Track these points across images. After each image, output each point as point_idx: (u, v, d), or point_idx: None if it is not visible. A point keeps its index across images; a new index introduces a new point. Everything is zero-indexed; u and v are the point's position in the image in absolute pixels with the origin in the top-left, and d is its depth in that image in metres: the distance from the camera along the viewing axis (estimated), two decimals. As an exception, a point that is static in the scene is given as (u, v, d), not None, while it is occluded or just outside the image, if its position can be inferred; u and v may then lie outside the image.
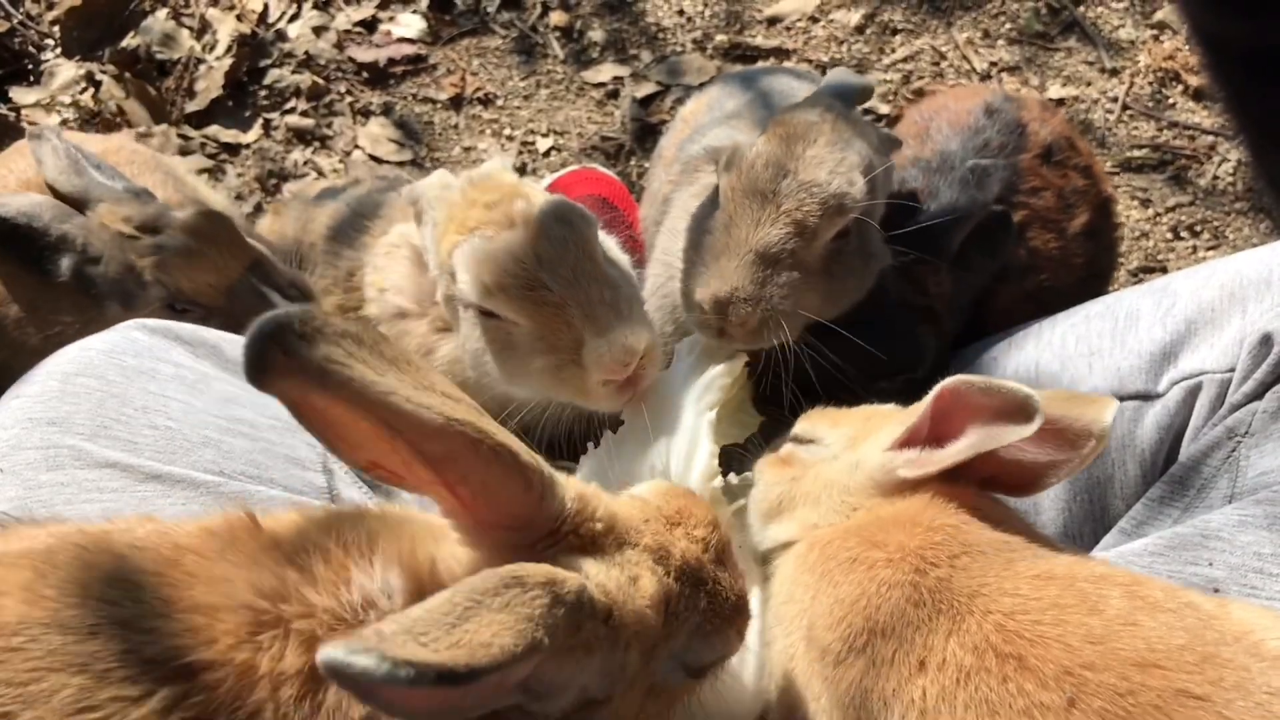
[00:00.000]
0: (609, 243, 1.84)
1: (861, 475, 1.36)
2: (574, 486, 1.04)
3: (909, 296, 1.93)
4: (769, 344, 1.68)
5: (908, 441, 1.32)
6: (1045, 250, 2.12)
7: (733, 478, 1.63)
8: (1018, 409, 1.20)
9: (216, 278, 1.98)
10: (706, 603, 1.10)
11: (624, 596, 0.99)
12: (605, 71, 3.37)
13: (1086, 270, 2.22)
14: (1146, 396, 1.61)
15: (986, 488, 1.32)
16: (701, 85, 3.04)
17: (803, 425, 1.54)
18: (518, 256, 1.60)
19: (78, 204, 2.00)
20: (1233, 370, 1.53)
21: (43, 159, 2.04)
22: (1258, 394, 1.47)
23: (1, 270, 2.07)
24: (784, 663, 1.28)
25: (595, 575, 0.98)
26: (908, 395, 1.47)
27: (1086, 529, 1.64)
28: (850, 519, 1.34)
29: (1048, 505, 1.67)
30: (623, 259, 1.85)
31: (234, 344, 1.64)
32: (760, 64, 3.34)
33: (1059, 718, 1.00)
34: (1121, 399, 1.62)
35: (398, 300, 1.98)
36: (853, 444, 1.43)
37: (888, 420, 1.44)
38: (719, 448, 1.63)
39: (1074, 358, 1.73)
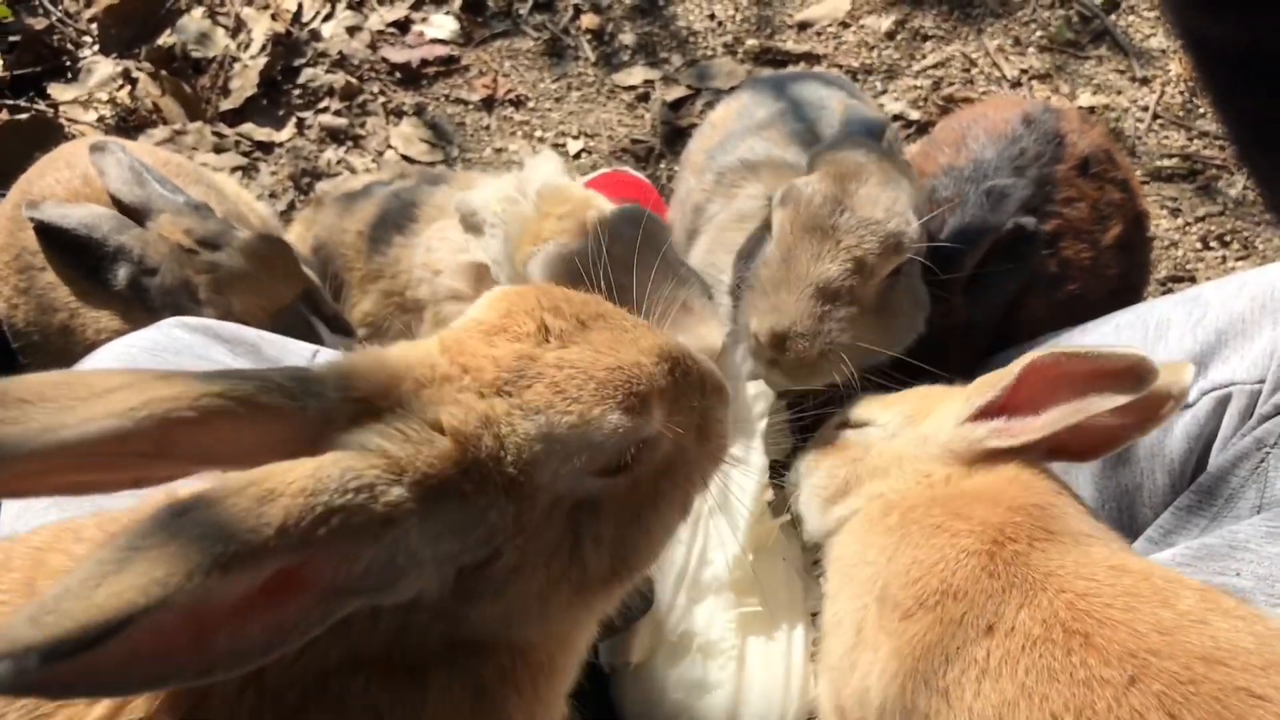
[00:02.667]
0: None
1: (934, 447, 1.41)
2: (335, 369, 0.90)
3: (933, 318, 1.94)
4: (823, 380, 1.68)
5: (985, 413, 1.37)
6: (1077, 261, 2.12)
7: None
8: (1128, 372, 1.25)
9: (268, 302, 2.01)
10: (549, 396, 0.92)
11: (415, 447, 0.84)
12: (636, 74, 3.39)
13: (1119, 283, 2.22)
14: (1175, 406, 1.62)
15: (1052, 455, 1.38)
16: (732, 89, 3.05)
17: (854, 411, 1.57)
18: (592, 260, 1.62)
19: (138, 215, 2.03)
20: (1262, 381, 1.53)
21: (105, 170, 2.07)
22: (1287, 406, 1.48)
23: (63, 277, 2.11)
24: (855, 622, 1.30)
25: (365, 442, 0.84)
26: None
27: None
28: (930, 488, 1.37)
29: (1076, 512, 1.68)
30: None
31: (272, 343, 1.66)
32: (790, 69, 3.35)
33: (1116, 692, 1.02)
34: (1151, 408, 1.63)
35: (451, 282, 2.01)
36: (912, 421, 1.47)
37: (946, 397, 1.48)
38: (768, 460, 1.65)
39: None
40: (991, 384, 1.39)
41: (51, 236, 2.05)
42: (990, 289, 1.97)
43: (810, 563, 1.63)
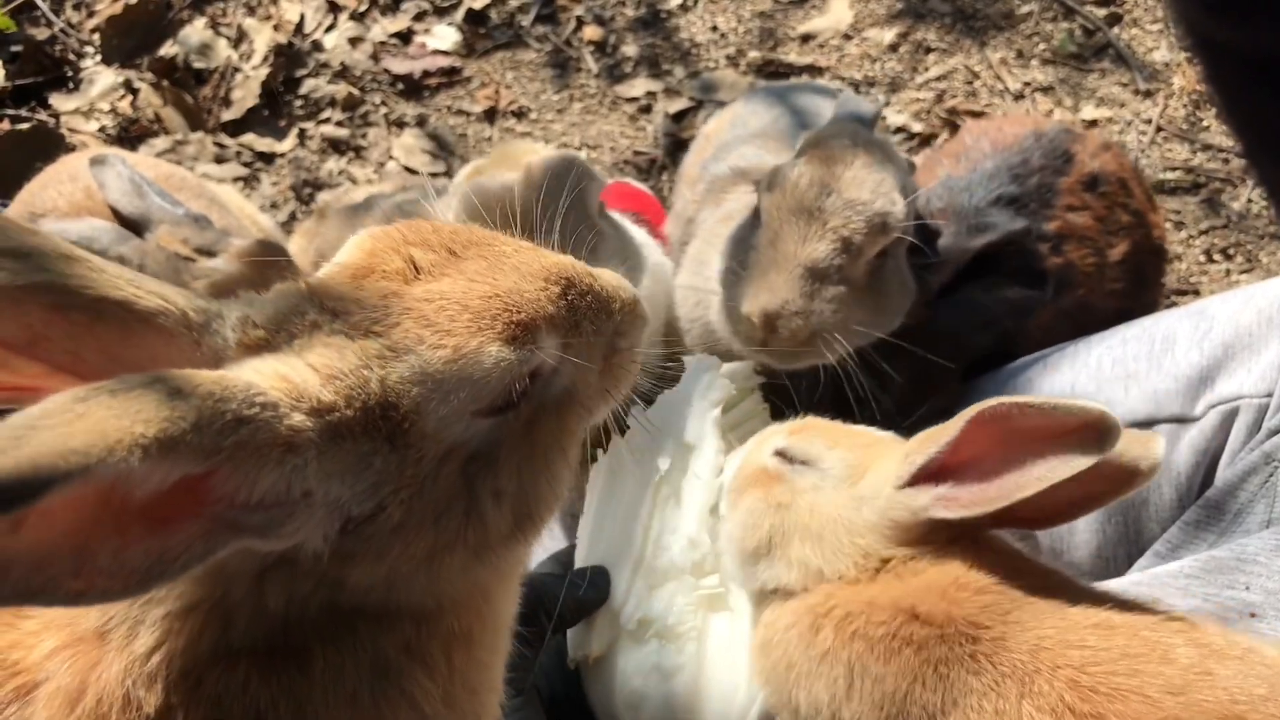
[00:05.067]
0: (658, 261, 1.86)
1: (870, 514, 1.25)
2: (236, 308, 0.87)
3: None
4: (816, 359, 1.68)
5: (927, 474, 1.22)
6: (1082, 266, 2.11)
7: None
8: (1087, 429, 1.10)
9: None
10: (418, 332, 0.86)
11: (297, 383, 0.79)
12: (638, 86, 3.38)
13: (1124, 302, 2.21)
14: (1183, 420, 1.61)
15: (998, 524, 1.23)
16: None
17: (793, 441, 1.41)
18: (509, 197, 1.59)
19: (137, 227, 2.03)
20: (1270, 395, 1.53)
21: (105, 183, 2.07)
22: (1296, 419, 1.47)
23: None
24: None
25: (251, 370, 0.79)
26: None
27: (1120, 551, 1.64)
28: (870, 584, 1.21)
29: (1082, 527, 1.66)
30: (643, 241, 1.87)
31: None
32: (792, 80, 3.35)
33: None
34: (1157, 422, 1.62)
35: None
36: (851, 474, 1.32)
37: (890, 450, 1.33)
38: (726, 445, 1.63)
39: (1110, 380, 1.73)
40: (933, 439, 1.21)
41: None
42: (964, 304, 1.94)
43: None
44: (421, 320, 0.86)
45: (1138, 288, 2.25)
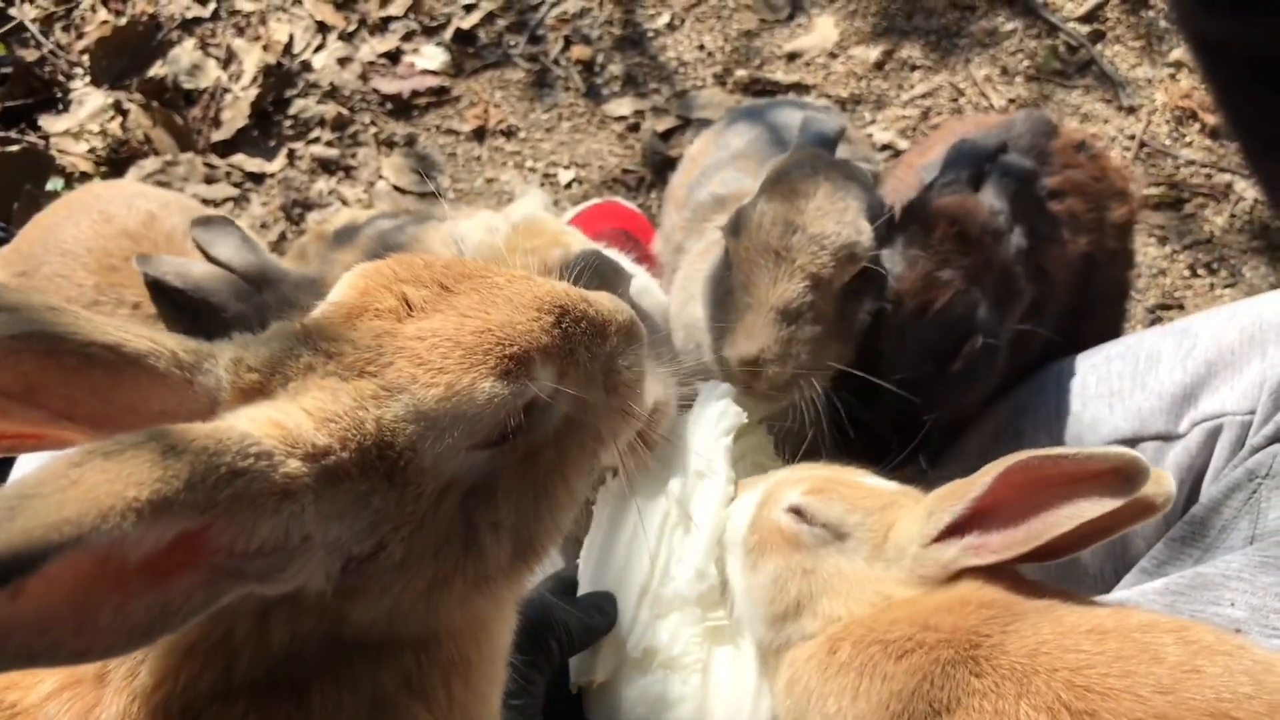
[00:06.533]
0: (645, 285, 1.86)
1: (899, 572, 1.31)
2: (229, 349, 0.88)
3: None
4: (796, 399, 1.70)
5: (952, 529, 1.27)
6: (1085, 219, 2.07)
7: None
8: (1114, 474, 1.16)
9: None
10: (411, 371, 0.86)
11: (292, 429, 0.79)
12: (626, 105, 3.41)
13: (1122, 270, 2.20)
14: (1167, 437, 1.62)
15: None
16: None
17: (811, 501, 1.42)
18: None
19: (254, 281, 1.98)
20: (1253, 412, 1.54)
21: (211, 242, 2.00)
22: (1278, 436, 1.49)
23: (169, 327, 2.03)
24: None
25: (256, 415, 0.80)
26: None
27: (1108, 568, 1.65)
28: (888, 610, 1.27)
29: (1070, 545, 1.68)
30: (656, 302, 1.87)
31: None
32: (779, 98, 3.37)
33: None
34: (1142, 439, 1.64)
35: None
36: (875, 538, 1.36)
37: (907, 507, 1.37)
38: (736, 475, 1.64)
39: (1095, 399, 1.74)
40: (957, 495, 1.28)
41: (163, 289, 1.97)
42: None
43: None
44: (414, 359, 0.87)
45: (1129, 260, 2.25)
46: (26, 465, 1.67)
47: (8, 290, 0.78)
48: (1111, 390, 1.73)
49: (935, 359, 1.76)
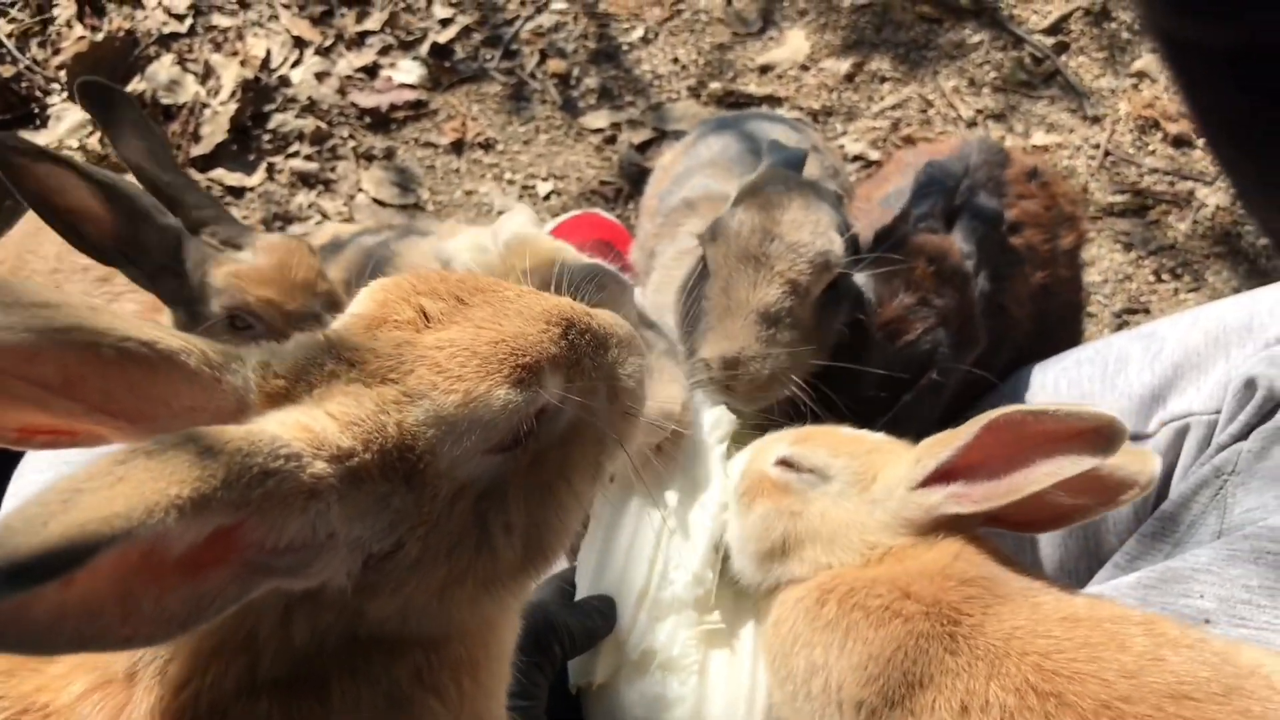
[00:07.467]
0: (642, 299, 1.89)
1: (884, 514, 1.36)
2: (256, 353, 0.92)
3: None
4: (775, 398, 1.74)
5: (937, 476, 1.33)
6: (1041, 250, 2.14)
7: None
8: (1096, 433, 1.20)
9: (285, 300, 1.92)
10: (431, 378, 0.91)
11: (318, 432, 0.83)
12: (602, 118, 3.45)
13: (1074, 294, 2.26)
14: (1137, 438, 1.68)
15: (989, 523, 1.35)
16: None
17: (797, 450, 1.50)
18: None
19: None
20: (1218, 412, 1.60)
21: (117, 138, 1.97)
22: (1242, 435, 1.54)
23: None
24: None
25: (284, 419, 0.84)
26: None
27: (1081, 564, 1.71)
28: (874, 564, 1.32)
29: (1045, 540, 1.73)
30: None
31: None
32: (751, 110, 3.42)
33: None
34: (1113, 440, 1.69)
35: None
36: (860, 481, 1.42)
37: (895, 453, 1.44)
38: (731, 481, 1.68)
39: (1066, 401, 1.80)
40: (944, 443, 1.33)
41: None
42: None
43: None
44: (434, 367, 0.91)
45: (1079, 284, 2.31)
46: (28, 472, 1.68)
47: (49, 289, 0.81)
48: (1082, 393, 1.78)
49: (891, 386, 1.85)
